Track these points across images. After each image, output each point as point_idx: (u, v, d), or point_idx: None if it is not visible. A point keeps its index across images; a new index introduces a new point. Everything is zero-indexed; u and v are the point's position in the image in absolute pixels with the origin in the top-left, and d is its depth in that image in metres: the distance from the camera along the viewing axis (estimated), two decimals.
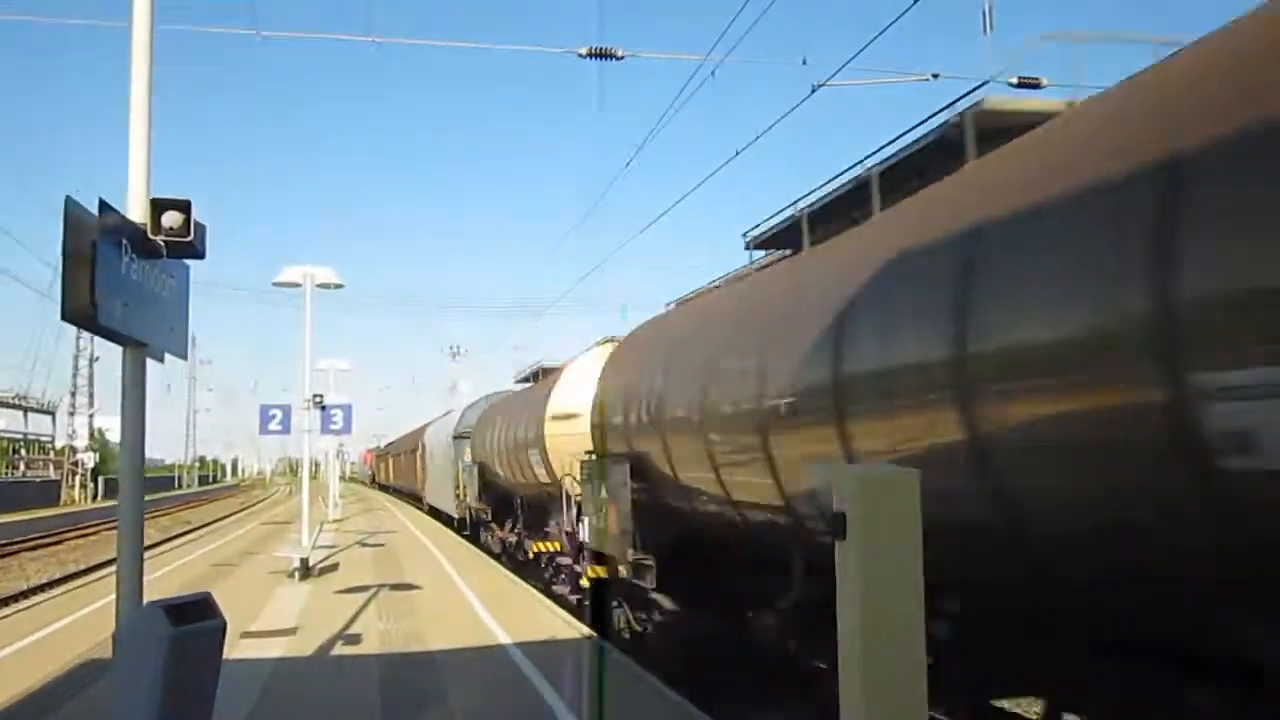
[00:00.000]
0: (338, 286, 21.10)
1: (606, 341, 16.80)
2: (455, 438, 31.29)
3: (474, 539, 27.50)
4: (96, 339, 66.37)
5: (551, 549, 18.36)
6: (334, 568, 20.78)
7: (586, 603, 13.44)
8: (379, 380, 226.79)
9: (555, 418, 16.52)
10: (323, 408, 21.12)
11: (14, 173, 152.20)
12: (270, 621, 13.64)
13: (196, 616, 5.72)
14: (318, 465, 50.27)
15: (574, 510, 14.40)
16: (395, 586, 17.25)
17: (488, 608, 14.56)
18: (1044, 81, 13.59)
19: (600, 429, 12.65)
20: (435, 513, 38.11)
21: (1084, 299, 3.58)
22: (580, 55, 12.38)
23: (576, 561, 15.28)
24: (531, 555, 19.52)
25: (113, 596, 16.19)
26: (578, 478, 13.87)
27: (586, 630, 12.46)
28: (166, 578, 18.68)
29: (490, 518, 25.44)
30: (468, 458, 28.12)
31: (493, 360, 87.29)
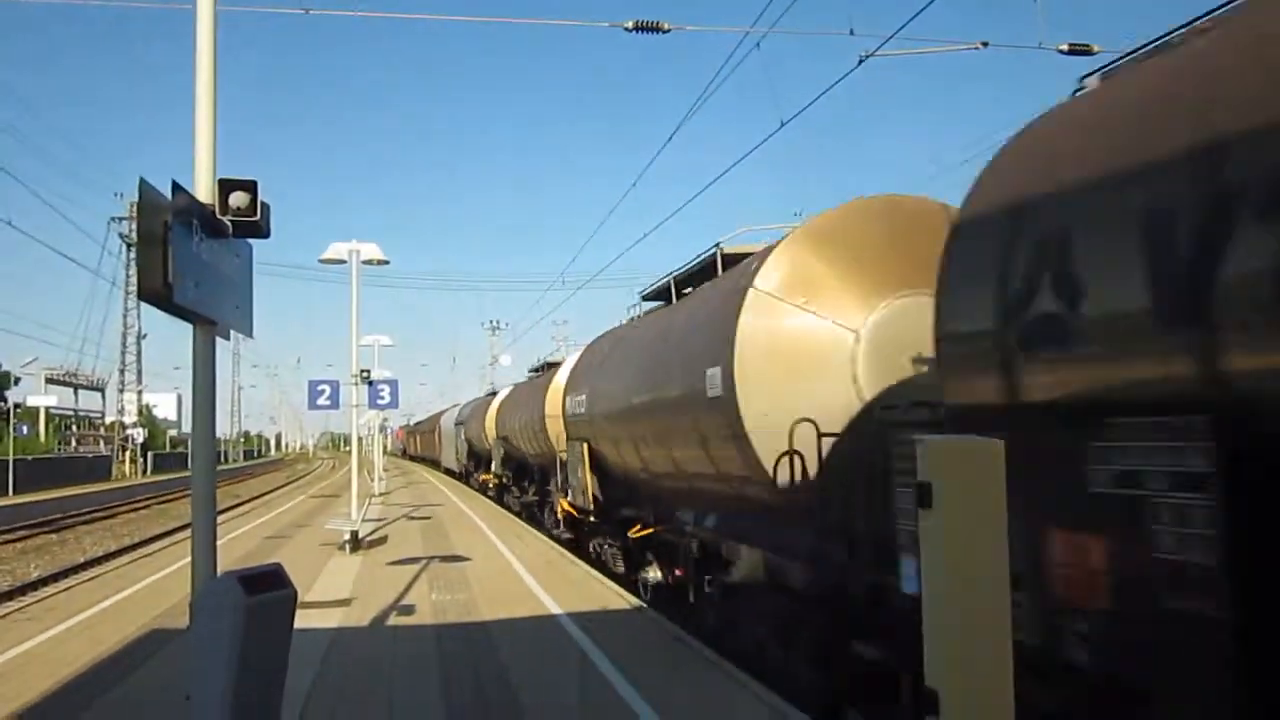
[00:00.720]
0: (383, 263, 21.25)
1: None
2: (456, 424, 48.39)
3: (498, 500, 33.38)
4: (144, 317, 67.26)
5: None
6: (383, 540, 21.10)
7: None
8: (421, 356, 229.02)
9: (551, 404, 20.50)
10: (370, 383, 21.38)
11: (63, 154, 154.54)
12: (325, 592, 13.92)
13: (269, 586, 5.86)
14: (361, 440, 50.82)
15: (561, 474, 19.44)
16: (445, 558, 17.49)
17: (538, 579, 14.74)
18: (1095, 49, 13.43)
19: (564, 419, 18.20)
20: (449, 472, 54.82)
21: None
22: (626, 29, 12.37)
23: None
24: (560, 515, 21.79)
25: (167, 569, 16.62)
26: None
27: (636, 600, 12.61)
28: (222, 549, 18.92)
29: (510, 483, 31.28)
30: (462, 436, 44.48)
31: (533, 333, 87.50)
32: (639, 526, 14.09)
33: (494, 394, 37.85)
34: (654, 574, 13.72)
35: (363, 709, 7.98)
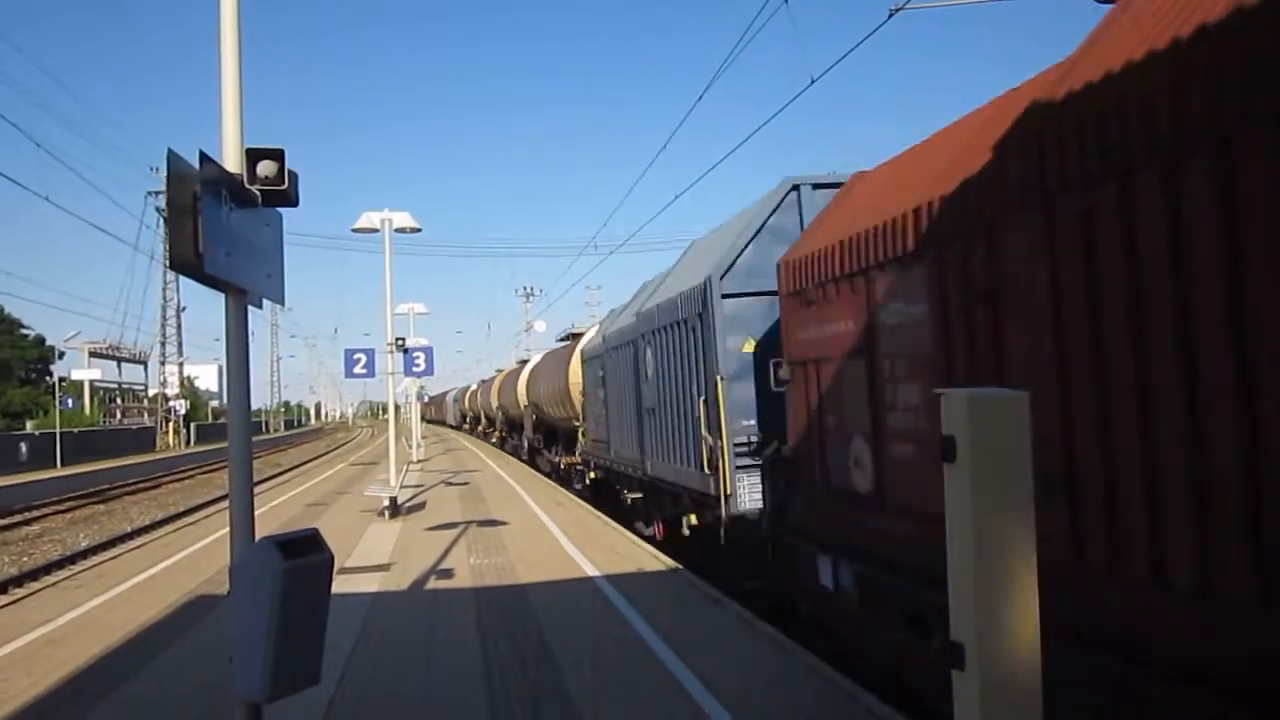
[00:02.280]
0: (415, 231, 21.33)
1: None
2: (453, 400, 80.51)
3: (531, 463, 35.65)
4: (182, 289, 68.00)
5: (571, 462, 25.97)
6: (421, 506, 21.34)
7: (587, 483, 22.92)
8: (456, 323, 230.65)
9: (575, 372, 22.87)
10: (405, 351, 21.53)
11: (102, 130, 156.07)
12: (365, 558, 14.12)
13: (306, 551, 5.94)
14: (398, 407, 51.38)
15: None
16: (482, 523, 17.67)
17: (574, 543, 14.86)
18: None
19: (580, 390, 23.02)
20: (455, 428, 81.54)
21: None
22: None
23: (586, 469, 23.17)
24: (564, 467, 27.39)
25: (211, 537, 16.95)
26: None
27: (671, 563, 12.68)
28: (264, 517, 19.30)
29: (541, 445, 33.45)
30: (456, 408, 75.97)
31: (568, 298, 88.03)
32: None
33: (492, 377, 54.56)
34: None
35: (403, 669, 8.12)
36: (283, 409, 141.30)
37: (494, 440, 50.19)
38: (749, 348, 11.02)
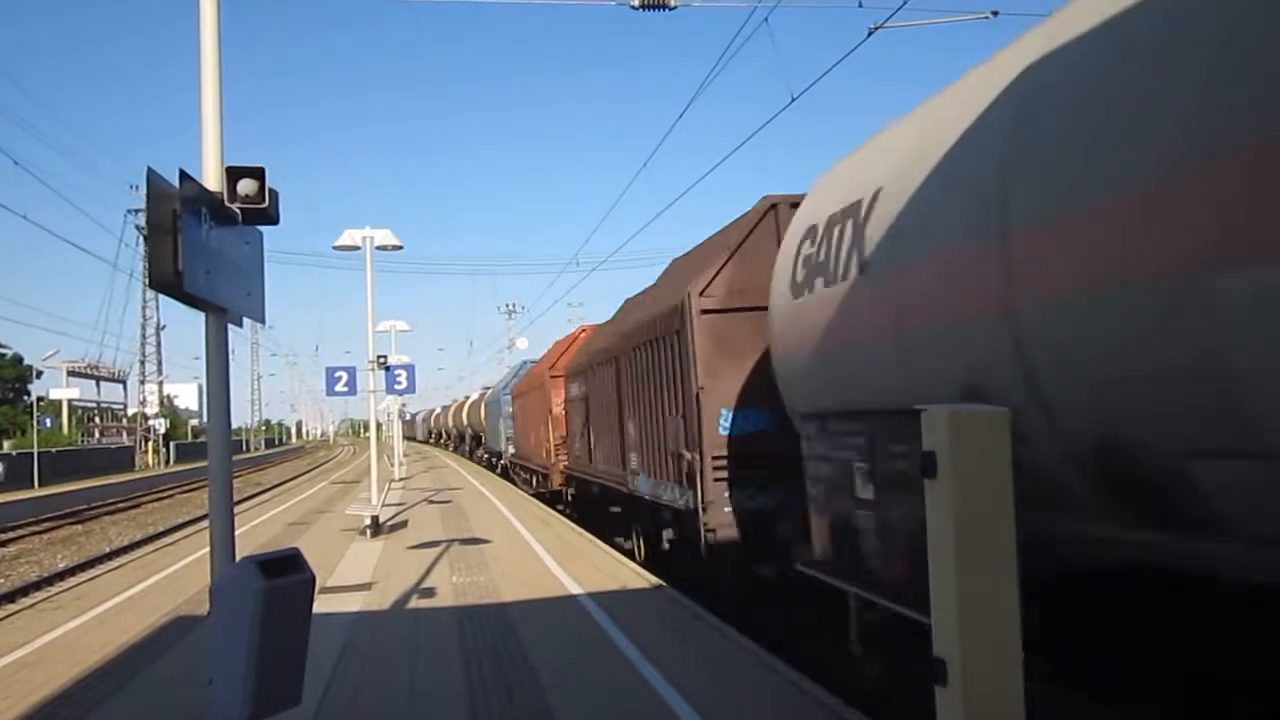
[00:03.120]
0: (396, 248, 21.29)
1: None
2: (421, 420, 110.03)
3: (506, 478, 37.22)
4: (162, 308, 67.60)
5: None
6: (404, 524, 21.23)
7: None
8: (439, 340, 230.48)
9: (481, 409, 31.43)
10: (387, 368, 21.47)
11: (79, 147, 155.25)
12: (347, 577, 14.03)
13: (287, 571, 5.91)
14: (380, 425, 51.44)
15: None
16: (465, 541, 17.59)
17: (556, 559, 14.81)
18: None
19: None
20: (424, 441, 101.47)
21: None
22: (633, 6, 12.31)
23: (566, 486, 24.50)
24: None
25: (191, 557, 16.76)
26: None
27: (655, 579, 12.65)
28: (244, 537, 19.12)
29: (472, 447, 45.45)
30: (428, 424, 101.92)
31: (550, 315, 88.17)
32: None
33: (448, 405, 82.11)
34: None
35: (385, 690, 8.05)
36: (263, 427, 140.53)
37: (449, 448, 78.06)
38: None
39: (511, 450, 34.41)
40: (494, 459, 41.76)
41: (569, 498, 24.39)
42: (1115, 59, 4.16)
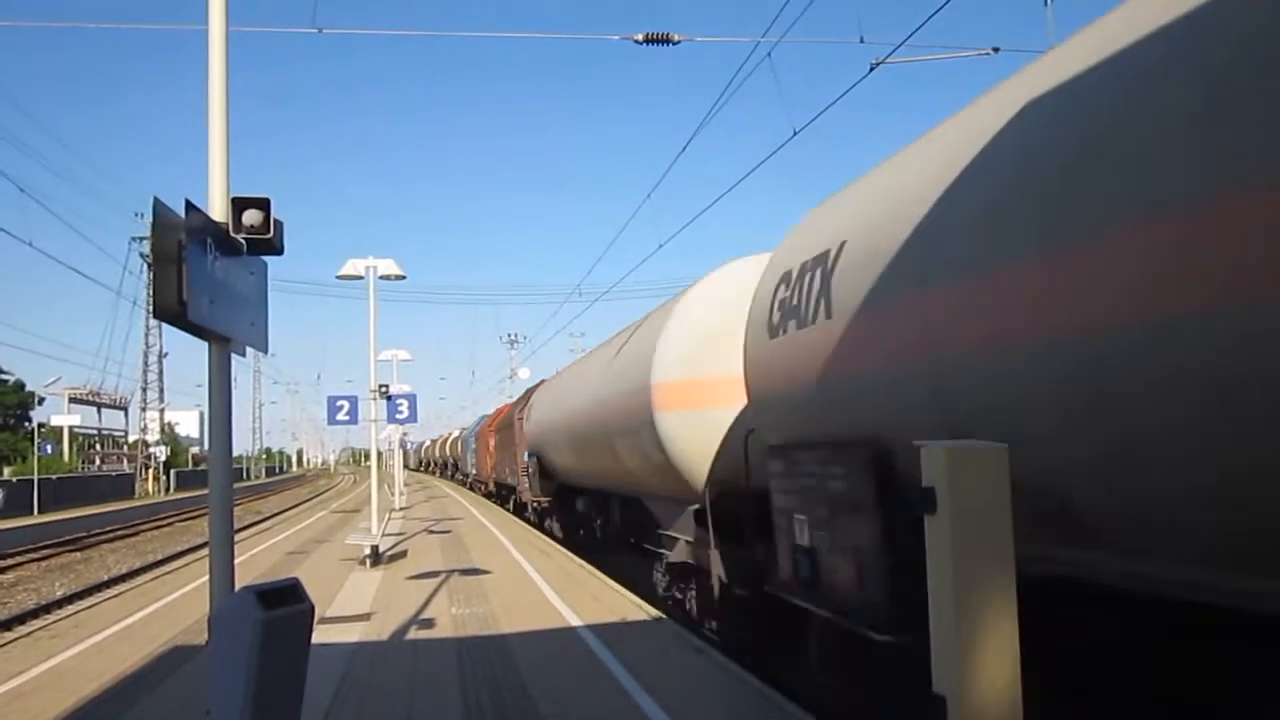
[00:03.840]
0: (399, 278, 21.41)
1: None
2: (413, 450, 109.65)
3: (499, 501, 40.99)
4: (165, 335, 67.67)
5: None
6: (403, 554, 21.16)
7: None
8: (440, 369, 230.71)
9: (458, 443, 38.20)
10: (388, 398, 21.48)
11: (85, 174, 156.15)
12: (346, 607, 13.97)
13: (286, 601, 5.90)
14: (380, 454, 51.69)
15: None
16: (464, 572, 17.53)
17: (556, 590, 14.75)
18: None
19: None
20: (415, 468, 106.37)
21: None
22: (637, 41, 12.42)
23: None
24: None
25: (190, 585, 16.71)
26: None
27: (655, 611, 12.59)
28: (244, 565, 19.12)
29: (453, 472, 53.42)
30: (419, 454, 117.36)
31: (553, 344, 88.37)
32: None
33: (437, 437, 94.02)
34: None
35: None
36: (264, 455, 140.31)
37: (435, 473, 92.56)
38: None
39: (474, 472, 51.94)
40: (464, 477, 61.57)
41: (493, 489, 42.38)
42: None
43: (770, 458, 7.98)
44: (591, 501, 20.57)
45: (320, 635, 8.62)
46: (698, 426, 11.09)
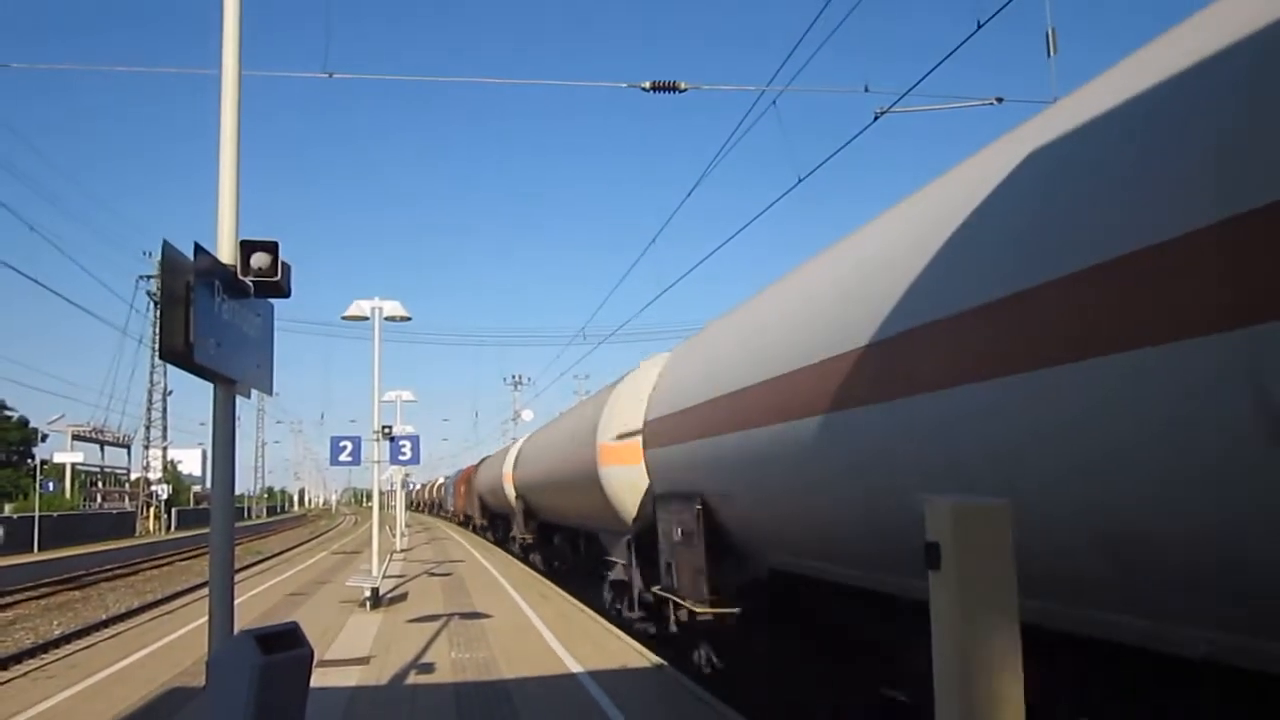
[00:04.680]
0: (405, 319, 21.43)
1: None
2: (411, 489, 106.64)
3: (485, 536, 46.26)
4: (170, 373, 67.87)
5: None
6: (404, 597, 21.02)
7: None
8: (444, 411, 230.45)
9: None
10: (391, 439, 21.46)
11: (93, 213, 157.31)
12: (345, 650, 13.86)
13: (285, 645, 5.86)
14: (383, 495, 52.39)
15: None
16: (465, 615, 17.40)
17: (557, 636, 14.64)
18: None
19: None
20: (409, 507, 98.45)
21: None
22: (644, 89, 12.55)
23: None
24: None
25: (189, 626, 16.57)
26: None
27: (656, 659, 12.49)
28: (243, 606, 18.93)
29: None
30: (410, 496, 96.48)
31: (555, 387, 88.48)
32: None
33: (428, 481, 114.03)
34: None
35: None
36: (266, 494, 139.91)
37: (424, 511, 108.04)
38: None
39: (451, 508, 71.62)
40: (447, 512, 77.72)
41: (462, 518, 59.11)
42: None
43: (657, 502, 12.80)
44: (564, 538, 24.94)
45: (319, 678, 8.54)
46: (626, 478, 15.12)
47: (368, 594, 18.93)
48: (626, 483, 15.09)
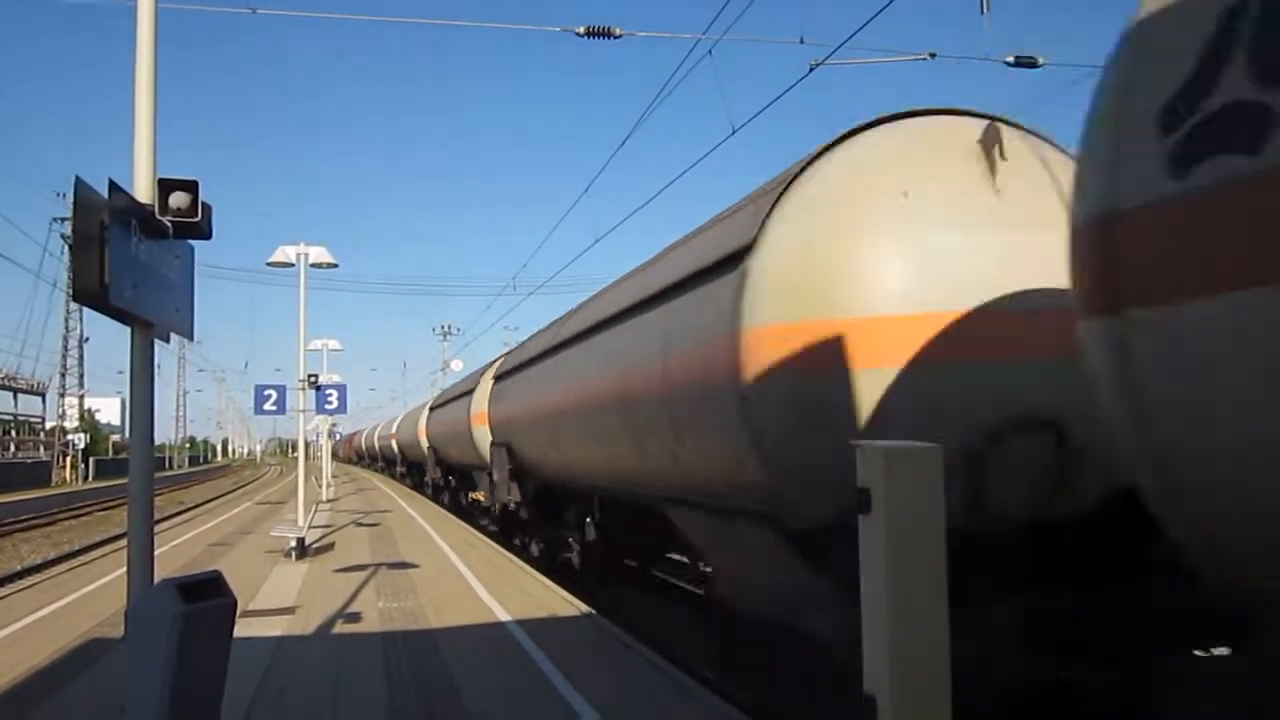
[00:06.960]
0: (331, 266, 21.02)
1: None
2: (338, 439, 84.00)
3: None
4: (86, 319, 65.98)
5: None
6: (330, 547, 20.85)
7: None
8: (371, 360, 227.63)
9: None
10: (318, 388, 21.14)
11: (3, 153, 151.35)
12: (269, 600, 13.71)
13: (207, 595, 5.75)
14: (309, 445, 51.23)
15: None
16: (392, 565, 17.32)
17: (485, 585, 14.66)
18: (1040, 60, 13.64)
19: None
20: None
21: None
22: (578, 34, 12.35)
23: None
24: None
25: (108, 576, 16.23)
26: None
27: (584, 607, 12.57)
28: (164, 557, 18.57)
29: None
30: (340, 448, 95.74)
31: (485, 338, 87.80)
32: None
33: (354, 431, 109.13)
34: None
35: (307, 718, 7.86)
36: (188, 445, 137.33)
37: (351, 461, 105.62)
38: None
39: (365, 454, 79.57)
40: (374, 460, 79.89)
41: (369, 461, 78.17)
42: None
43: (493, 449, 21.06)
44: (455, 475, 30.34)
45: (243, 629, 8.43)
46: (484, 435, 22.64)
47: (293, 544, 18.72)
48: (484, 438, 21.57)
